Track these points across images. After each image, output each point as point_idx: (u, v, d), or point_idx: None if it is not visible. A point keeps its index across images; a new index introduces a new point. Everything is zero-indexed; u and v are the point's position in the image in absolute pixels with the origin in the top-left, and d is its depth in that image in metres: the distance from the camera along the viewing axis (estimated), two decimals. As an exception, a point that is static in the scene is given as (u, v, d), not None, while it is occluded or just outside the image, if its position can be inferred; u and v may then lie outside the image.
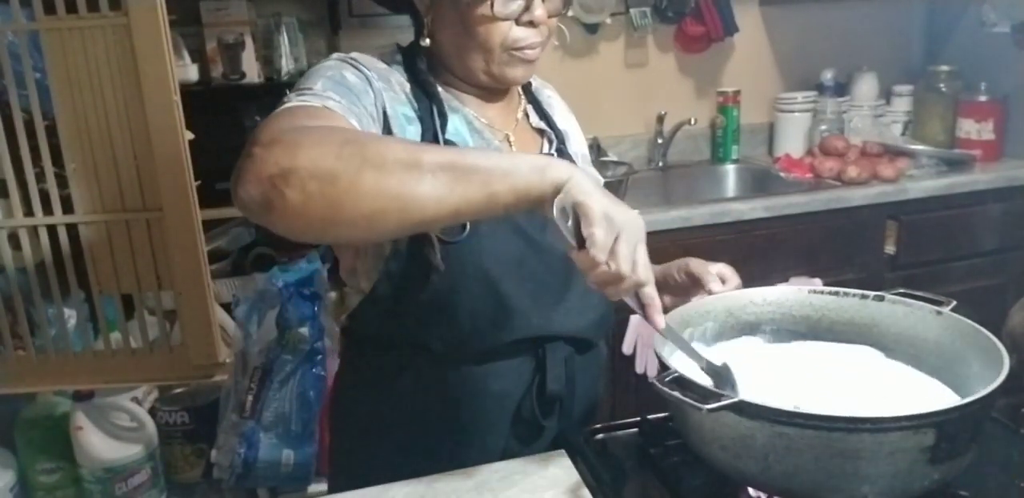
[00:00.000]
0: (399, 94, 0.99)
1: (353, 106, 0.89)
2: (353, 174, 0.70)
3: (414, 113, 0.99)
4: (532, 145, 1.10)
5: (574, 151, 1.16)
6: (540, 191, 0.75)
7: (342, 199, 0.70)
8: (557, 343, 1.03)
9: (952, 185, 2.30)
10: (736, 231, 2.12)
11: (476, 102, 1.05)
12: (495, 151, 0.88)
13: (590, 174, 1.17)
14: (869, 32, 2.75)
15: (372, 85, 0.96)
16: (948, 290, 1.23)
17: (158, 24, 1.33)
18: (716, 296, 1.04)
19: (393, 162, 0.71)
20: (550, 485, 0.92)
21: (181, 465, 1.79)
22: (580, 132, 1.22)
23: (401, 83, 1.01)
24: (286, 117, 0.80)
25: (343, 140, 0.73)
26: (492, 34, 0.96)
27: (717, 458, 0.82)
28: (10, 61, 1.37)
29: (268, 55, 2.13)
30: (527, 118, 1.12)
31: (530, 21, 0.96)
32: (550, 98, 1.20)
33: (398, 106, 0.98)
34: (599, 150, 2.46)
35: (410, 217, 0.73)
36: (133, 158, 1.40)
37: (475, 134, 1.03)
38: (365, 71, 0.97)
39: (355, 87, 0.93)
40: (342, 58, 0.99)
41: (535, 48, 0.99)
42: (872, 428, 0.72)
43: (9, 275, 1.44)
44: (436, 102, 1.00)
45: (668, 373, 0.79)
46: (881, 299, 0.99)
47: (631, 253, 0.75)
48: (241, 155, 0.75)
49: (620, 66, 2.58)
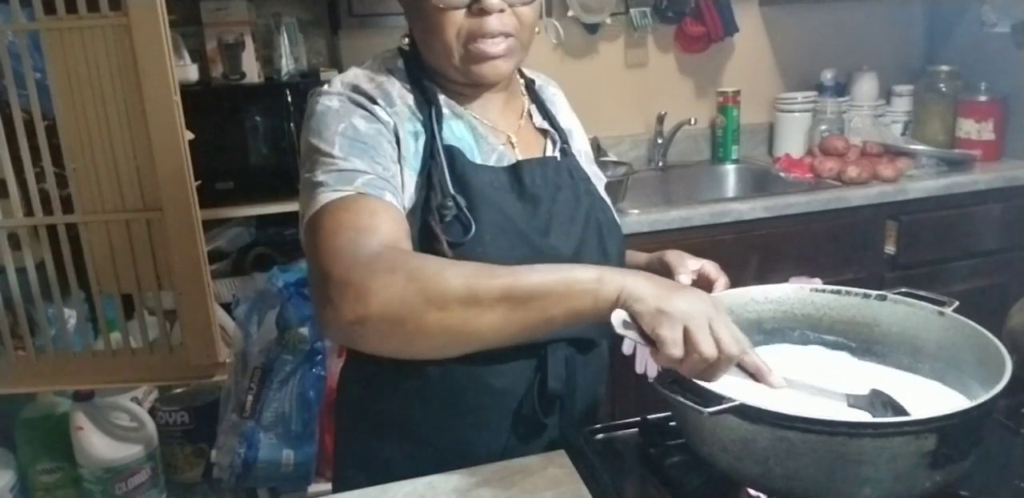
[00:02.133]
0: (403, 108, 0.98)
1: (377, 165, 0.91)
2: (419, 317, 0.78)
3: (419, 124, 0.98)
4: (535, 146, 1.09)
5: (577, 149, 1.15)
6: (595, 311, 0.78)
7: (412, 337, 0.79)
8: (559, 343, 1.02)
9: (952, 185, 2.30)
10: (736, 231, 2.12)
11: (477, 104, 1.04)
12: (548, 266, 0.81)
13: (598, 176, 1.18)
14: (869, 32, 2.75)
15: (382, 120, 0.95)
16: (948, 290, 1.23)
17: (158, 24, 1.33)
18: (717, 294, 1.04)
19: (454, 300, 0.78)
20: (550, 485, 0.92)
21: (181, 465, 1.80)
22: (582, 129, 1.21)
23: (402, 95, 0.99)
24: (338, 232, 0.84)
25: (406, 279, 0.79)
26: (445, 26, 0.93)
27: (718, 459, 0.82)
28: (10, 61, 1.37)
29: (268, 55, 2.13)
30: (530, 118, 1.11)
31: (481, 10, 0.92)
32: (554, 96, 1.19)
33: (406, 123, 0.97)
34: (599, 150, 2.46)
35: (473, 346, 0.82)
36: (133, 158, 1.40)
37: (480, 139, 1.02)
38: (370, 107, 0.95)
39: (370, 139, 0.93)
40: (344, 95, 0.96)
41: (496, 41, 0.94)
42: (874, 433, 0.72)
43: (9, 275, 1.44)
44: (436, 107, 0.99)
45: (669, 375, 0.79)
46: (883, 298, 0.99)
47: (707, 335, 0.75)
48: (317, 291, 0.82)
49: (620, 66, 2.58)
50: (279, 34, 2.10)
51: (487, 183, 0.98)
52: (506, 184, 1.00)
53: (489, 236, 0.96)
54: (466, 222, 0.94)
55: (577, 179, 1.08)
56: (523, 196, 1.01)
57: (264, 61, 2.13)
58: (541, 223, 1.01)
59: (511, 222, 0.98)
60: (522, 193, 1.01)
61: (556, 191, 1.04)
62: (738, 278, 1.10)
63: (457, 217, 0.95)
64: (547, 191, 1.03)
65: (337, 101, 0.96)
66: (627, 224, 2.01)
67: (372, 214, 0.86)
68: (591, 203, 1.08)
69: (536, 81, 1.17)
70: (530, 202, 1.01)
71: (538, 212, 1.01)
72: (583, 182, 1.09)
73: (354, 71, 1.02)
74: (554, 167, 1.06)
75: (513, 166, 1.02)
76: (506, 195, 1.00)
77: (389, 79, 1.00)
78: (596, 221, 1.07)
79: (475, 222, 0.95)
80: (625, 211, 2.07)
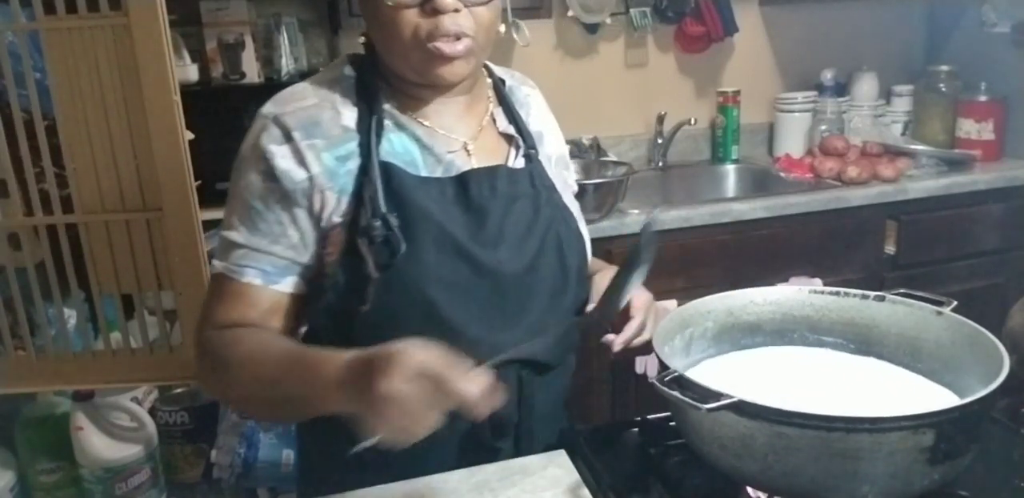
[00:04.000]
0: (333, 130, 0.94)
1: (257, 232, 0.95)
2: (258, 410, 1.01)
3: (354, 143, 0.94)
4: (496, 153, 1.03)
5: (548, 154, 1.09)
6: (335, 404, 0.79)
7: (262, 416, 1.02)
8: (511, 365, 0.96)
9: (952, 185, 2.30)
10: (736, 231, 2.12)
11: (432, 109, 0.99)
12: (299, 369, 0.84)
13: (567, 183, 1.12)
14: (869, 32, 2.75)
15: (279, 172, 0.92)
16: (948, 290, 1.23)
17: (158, 24, 1.33)
18: (717, 296, 1.04)
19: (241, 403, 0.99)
20: (550, 485, 0.92)
21: (181, 465, 1.80)
22: (558, 132, 1.15)
23: (338, 115, 0.95)
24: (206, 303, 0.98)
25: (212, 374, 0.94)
26: (398, 25, 0.89)
27: (717, 458, 0.82)
28: (10, 61, 1.37)
29: (268, 55, 2.13)
30: (493, 123, 1.05)
31: (434, 9, 0.88)
32: (527, 97, 1.12)
33: (330, 151, 0.93)
34: (599, 150, 2.46)
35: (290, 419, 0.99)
36: (133, 158, 1.40)
37: (425, 150, 0.98)
38: (274, 153, 0.92)
39: (261, 201, 0.94)
40: (263, 131, 0.94)
41: (452, 41, 0.90)
42: (871, 428, 0.72)
43: (9, 275, 1.44)
44: (377, 120, 0.95)
45: (668, 373, 0.80)
46: (882, 299, 1.00)
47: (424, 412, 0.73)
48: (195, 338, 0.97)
49: (620, 66, 2.58)
50: (279, 34, 2.10)
51: (431, 197, 0.94)
52: (452, 197, 0.96)
53: (426, 254, 0.92)
54: (395, 242, 0.91)
55: (540, 188, 1.03)
56: (469, 209, 0.96)
57: (264, 61, 2.13)
58: (489, 237, 0.96)
59: (450, 238, 0.93)
60: (468, 206, 0.96)
61: (510, 202, 0.99)
62: (738, 278, 1.10)
63: (387, 237, 0.92)
64: (498, 203, 0.98)
65: (254, 138, 0.95)
66: (627, 224, 2.02)
67: (221, 298, 0.96)
68: (552, 214, 1.02)
69: (507, 81, 1.11)
70: (477, 215, 0.96)
71: (486, 226, 0.96)
72: (546, 191, 1.03)
73: (297, 88, 0.98)
74: (509, 176, 1.00)
75: (459, 177, 0.97)
76: (450, 208, 0.95)
77: (331, 94, 0.97)
78: (556, 234, 1.01)
79: (410, 240, 0.91)
80: (625, 211, 2.07)
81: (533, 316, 0.98)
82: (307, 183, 0.93)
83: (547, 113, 1.15)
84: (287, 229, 0.95)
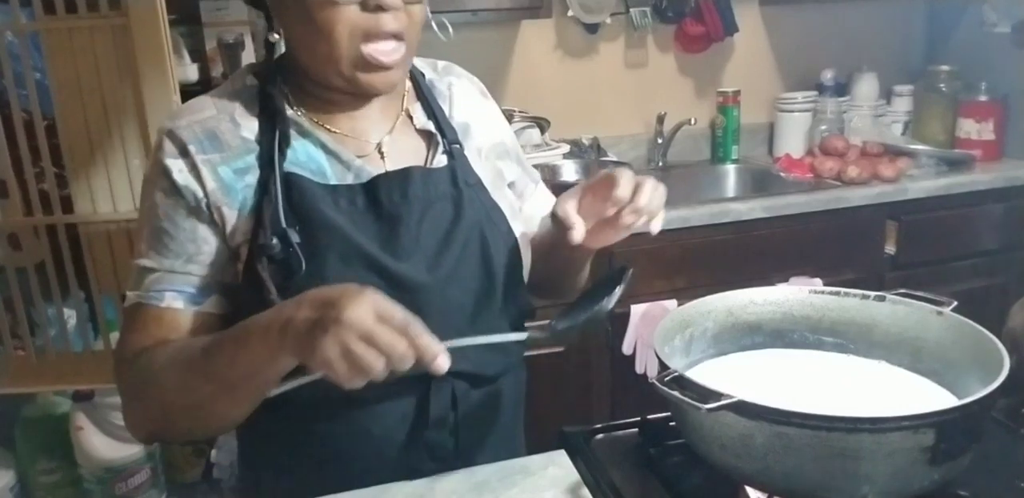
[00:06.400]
0: (231, 142, 0.90)
1: (168, 253, 0.90)
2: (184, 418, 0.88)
3: (254, 156, 0.90)
4: (412, 152, 0.97)
5: (478, 146, 1.02)
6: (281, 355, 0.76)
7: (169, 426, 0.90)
8: (445, 378, 0.91)
9: (952, 185, 2.30)
10: (736, 231, 2.12)
11: (341, 113, 0.94)
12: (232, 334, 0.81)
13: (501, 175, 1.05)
14: (869, 32, 2.75)
15: (179, 187, 0.89)
16: (948, 290, 1.23)
17: (158, 24, 1.33)
18: (717, 296, 1.04)
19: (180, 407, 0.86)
20: (550, 485, 0.92)
21: (181, 465, 1.80)
22: (495, 118, 1.07)
23: (237, 127, 0.91)
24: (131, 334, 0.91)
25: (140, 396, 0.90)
26: (335, 23, 0.83)
27: (717, 457, 0.82)
28: (10, 61, 1.37)
29: (268, 55, 2.13)
30: (410, 120, 0.99)
31: (378, 6, 0.84)
32: (451, 86, 1.04)
33: (227, 164, 0.89)
34: (599, 150, 2.46)
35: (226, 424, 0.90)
36: (133, 158, 1.40)
37: (330, 157, 0.92)
38: (172, 168, 0.89)
39: (167, 220, 0.89)
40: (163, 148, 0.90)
41: (389, 50, 0.86)
42: (871, 428, 0.72)
43: (9, 275, 1.45)
44: (281, 132, 0.90)
45: (668, 373, 0.80)
46: (882, 299, 0.99)
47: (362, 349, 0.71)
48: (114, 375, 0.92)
49: (620, 66, 2.58)
50: (279, 34, 2.10)
51: (339, 208, 0.89)
52: (363, 205, 0.91)
53: (330, 271, 0.87)
54: (296, 260, 0.86)
55: (463, 186, 0.96)
56: (381, 217, 0.91)
57: (264, 61, 2.13)
58: (402, 247, 0.90)
59: (359, 250, 0.88)
60: (380, 214, 0.91)
61: (426, 207, 0.92)
62: (738, 278, 1.10)
63: (286, 256, 0.86)
64: (412, 208, 0.92)
65: (153, 155, 0.91)
66: (627, 224, 2.01)
67: (137, 327, 0.90)
68: (475, 216, 0.95)
69: (427, 74, 1.04)
70: (389, 223, 0.91)
71: (399, 234, 0.91)
72: (470, 189, 0.96)
73: (196, 100, 0.94)
74: (424, 178, 0.93)
75: (368, 183, 0.91)
76: (360, 218, 0.90)
77: (231, 104, 0.92)
78: (480, 237, 0.95)
79: (313, 256, 0.87)
80: (625, 211, 2.06)
81: (457, 328, 0.88)
82: (205, 200, 0.89)
83: (479, 101, 1.07)
84: (201, 246, 0.90)
